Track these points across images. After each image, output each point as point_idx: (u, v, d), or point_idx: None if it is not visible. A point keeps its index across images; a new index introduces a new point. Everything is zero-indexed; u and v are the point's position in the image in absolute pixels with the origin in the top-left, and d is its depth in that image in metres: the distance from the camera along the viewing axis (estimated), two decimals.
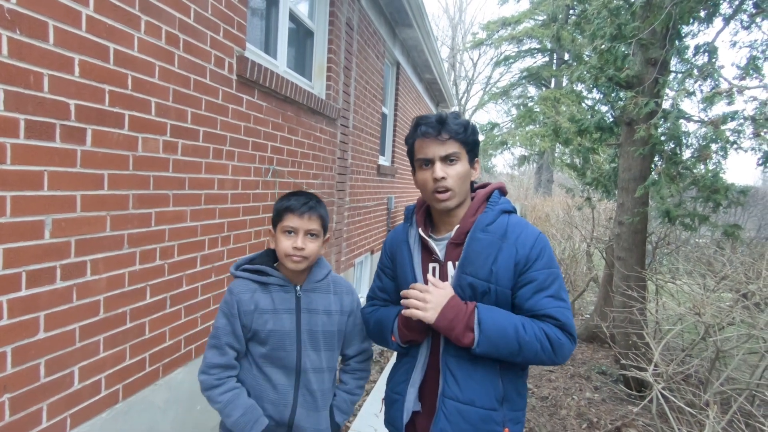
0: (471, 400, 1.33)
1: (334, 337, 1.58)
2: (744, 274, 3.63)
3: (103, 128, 1.72)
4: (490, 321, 1.27)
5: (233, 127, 2.59)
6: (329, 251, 4.35)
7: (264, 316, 1.48)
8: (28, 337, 1.49)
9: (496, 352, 1.27)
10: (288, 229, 1.48)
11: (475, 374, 1.34)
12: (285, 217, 1.48)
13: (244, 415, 1.43)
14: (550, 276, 1.32)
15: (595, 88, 4.88)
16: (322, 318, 1.55)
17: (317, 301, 1.55)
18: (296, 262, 1.48)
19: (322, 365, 1.55)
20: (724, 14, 4.00)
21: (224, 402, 1.44)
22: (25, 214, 1.45)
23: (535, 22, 18.60)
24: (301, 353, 1.51)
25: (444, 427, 1.35)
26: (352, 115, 4.77)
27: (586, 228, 7.93)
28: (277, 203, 1.54)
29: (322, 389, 1.55)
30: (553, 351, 1.28)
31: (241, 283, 1.52)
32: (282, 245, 1.48)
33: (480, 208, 1.40)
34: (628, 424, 3.45)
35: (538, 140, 11.73)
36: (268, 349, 1.49)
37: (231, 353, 1.48)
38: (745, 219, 11.22)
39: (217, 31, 2.40)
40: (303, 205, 1.48)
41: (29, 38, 1.43)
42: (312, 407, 1.52)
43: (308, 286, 1.55)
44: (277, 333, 1.48)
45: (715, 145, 3.82)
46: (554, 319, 1.29)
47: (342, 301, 1.61)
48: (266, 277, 1.51)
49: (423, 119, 1.38)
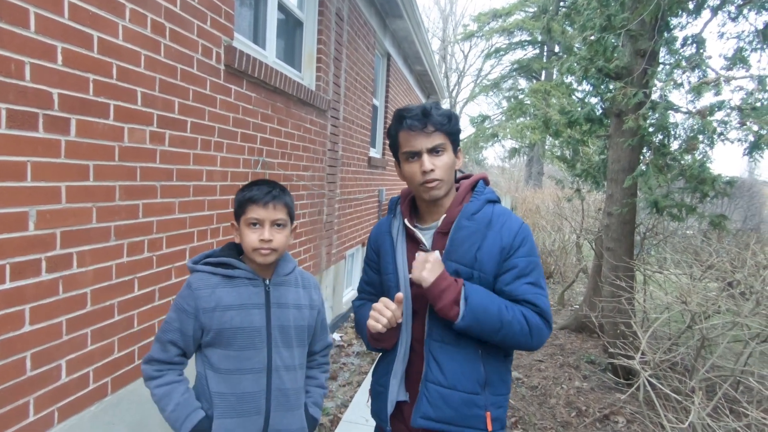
0: (453, 385, 1.36)
1: (305, 332, 1.51)
2: (730, 263, 3.68)
3: (87, 118, 1.69)
4: (476, 297, 1.29)
5: (222, 118, 2.56)
6: (320, 244, 4.34)
7: (228, 313, 1.37)
8: (13, 330, 1.47)
9: (478, 327, 1.29)
10: (252, 221, 1.38)
11: (457, 359, 1.36)
12: (248, 208, 1.38)
13: (175, 411, 1.34)
14: (530, 264, 1.36)
15: (585, 80, 4.89)
16: (293, 312, 1.47)
17: (287, 295, 1.47)
18: (265, 255, 1.38)
19: (294, 362, 1.47)
20: (711, 5, 4.02)
21: (160, 395, 1.36)
22: (8, 205, 1.43)
23: (526, 13, 18.59)
24: (272, 351, 1.41)
25: (426, 411, 1.37)
26: (343, 107, 4.74)
27: (575, 219, 7.99)
28: (238, 194, 1.43)
29: (295, 387, 1.47)
30: (530, 334, 1.32)
31: (200, 277, 1.39)
32: (248, 239, 1.38)
33: (466, 197, 1.43)
34: (616, 411, 3.50)
35: (528, 132, 11.78)
36: (234, 350, 1.37)
37: (173, 351, 1.39)
38: (732, 210, 11.39)
39: (204, 20, 2.36)
40: (266, 194, 1.38)
41: (10, 25, 1.39)
42: (286, 407, 1.44)
43: (276, 279, 1.46)
44: (245, 330, 1.38)
45: (702, 135, 3.86)
46: (533, 304, 1.33)
47: (311, 296, 1.54)
48: (232, 270, 1.40)
49: (406, 111, 1.38)
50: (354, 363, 4.15)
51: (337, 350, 4.42)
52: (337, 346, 4.50)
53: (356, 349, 4.48)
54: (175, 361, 1.40)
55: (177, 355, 1.40)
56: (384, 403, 1.45)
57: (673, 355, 3.11)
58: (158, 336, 1.40)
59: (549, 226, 9.34)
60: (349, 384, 3.73)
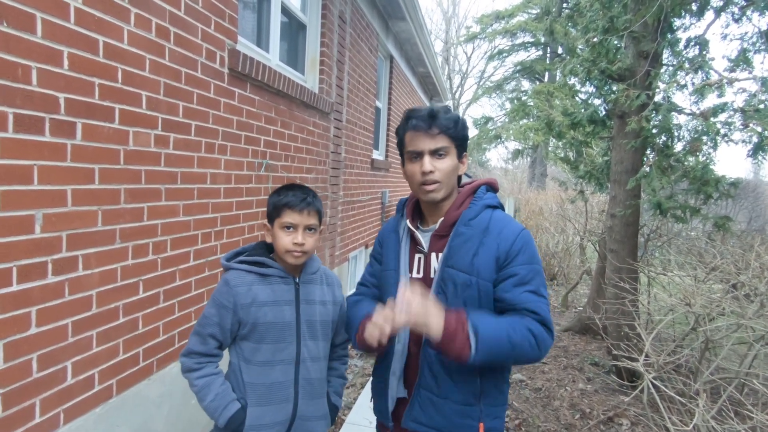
0: (446, 395, 1.35)
1: (329, 326, 1.61)
2: (734, 265, 3.67)
3: (93, 122, 1.71)
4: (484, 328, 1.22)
5: (225, 121, 2.57)
6: (323, 245, 4.35)
7: (263, 309, 1.47)
8: (20, 332, 1.48)
9: (490, 358, 1.23)
10: (287, 225, 1.48)
11: (453, 371, 1.34)
12: (284, 213, 1.48)
13: (214, 401, 1.44)
14: (531, 272, 1.32)
15: (588, 81, 4.88)
16: (319, 308, 1.58)
17: (314, 292, 1.58)
18: (297, 257, 1.49)
19: (319, 354, 1.57)
20: (715, 7, 4.01)
21: (200, 386, 1.45)
22: (15, 208, 1.44)
23: (529, 15, 18.56)
24: (300, 344, 1.52)
25: (417, 416, 1.38)
26: (346, 109, 4.75)
27: (579, 221, 7.98)
28: (273, 198, 1.53)
29: (320, 377, 1.58)
30: (537, 347, 1.26)
31: (237, 275, 1.49)
32: (282, 241, 1.48)
33: (465, 202, 1.42)
34: (620, 414, 3.49)
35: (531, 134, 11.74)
36: (267, 343, 1.47)
37: (212, 343, 1.48)
38: (736, 211, 11.33)
39: (208, 23, 2.38)
40: (302, 201, 1.48)
41: (17, 30, 1.41)
42: (312, 395, 1.55)
43: (305, 277, 1.57)
44: (277, 325, 1.48)
45: (705, 137, 3.84)
46: (535, 313, 1.28)
47: (334, 293, 1.65)
48: (266, 269, 1.51)
49: (414, 112, 1.39)
50: (357, 365, 4.15)
51: None
52: None
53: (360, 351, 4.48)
54: (213, 353, 1.49)
55: (215, 348, 1.49)
56: (385, 400, 1.47)
57: (677, 357, 3.10)
58: (197, 330, 1.49)
59: (552, 228, 9.32)
60: (352, 386, 3.74)
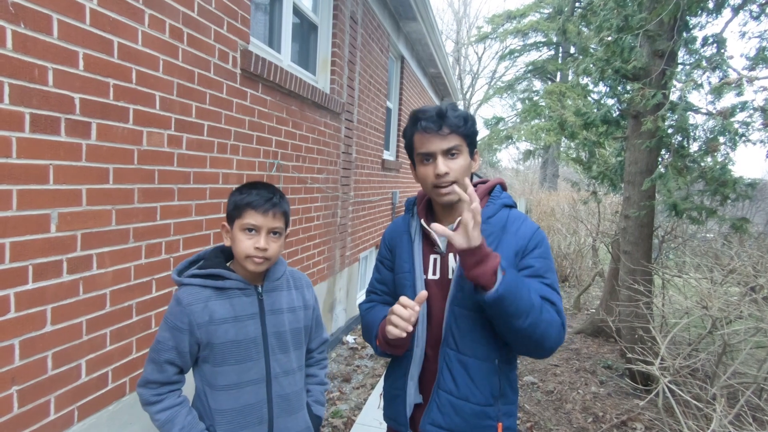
0: (466, 396, 1.34)
1: (301, 333, 1.47)
2: (752, 267, 3.59)
3: (107, 122, 1.72)
4: (511, 273, 1.22)
5: (238, 122, 2.59)
6: (333, 246, 4.36)
7: (223, 326, 1.31)
8: (35, 330, 1.50)
9: (510, 300, 1.19)
10: (249, 227, 1.31)
11: (473, 370, 1.33)
12: (246, 213, 1.31)
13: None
14: (546, 266, 1.33)
15: (601, 81, 4.82)
16: (288, 316, 1.43)
17: (280, 300, 1.42)
18: (258, 263, 1.32)
19: (292, 366, 1.44)
20: (732, 5, 3.94)
21: (162, 420, 1.30)
22: (31, 207, 1.46)
23: (541, 15, 18.43)
24: (270, 359, 1.38)
25: (436, 418, 1.35)
26: (357, 110, 4.75)
27: (591, 222, 7.89)
28: (235, 195, 1.35)
29: (296, 390, 1.45)
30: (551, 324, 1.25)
31: (190, 291, 1.31)
32: (242, 245, 1.31)
33: (482, 201, 1.41)
34: (634, 418, 3.44)
35: (543, 134, 11.64)
36: (231, 364, 1.33)
37: (171, 370, 1.32)
38: (753, 212, 11.13)
39: (221, 24, 2.39)
40: (267, 201, 1.31)
41: (33, 32, 1.43)
42: (289, 412, 1.42)
43: (269, 285, 1.41)
44: (241, 343, 1.33)
45: (723, 137, 3.77)
46: (552, 303, 1.28)
47: (304, 296, 1.50)
48: (223, 281, 1.33)
49: (422, 113, 1.36)
50: (368, 365, 4.14)
51: (350, 353, 4.42)
52: (350, 349, 4.50)
53: (369, 351, 4.47)
54: (173, 380, 1.34)
55: (175, 374, 1.34)
56: (402, 406, 1.43)
57: (693, 361, 3.05)
58: (151, 357, 1.33)
59: (564, 229, 9.23)
60: (362, 386, 3.73)
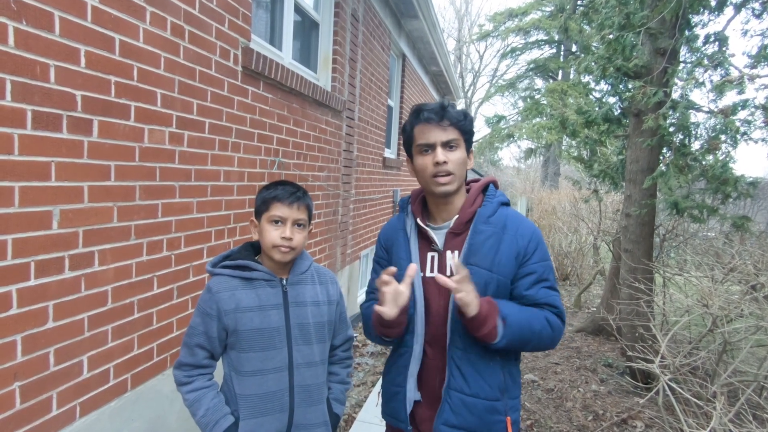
0: (476, 393, 1.36)
1: (324, 327, 1.53)
2: (753, 265, 3.59)
3: (109, 119, 1.73)
4: (512, 316, 1.31)
5: (239, 119, 2.59)
6: (334, 244, 4.36)
7: (248, 315, 1.40)
8: (37, 326, 1.51)
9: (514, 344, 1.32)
10: (276, 219, 1.42)
11: (479, 367, 1.37)
12: (272, 206, 1.42)
13: (205, 416, 1.39)
14: (546, 268, 1.41)
15: (603, 79, 4.81)
16: (312, 309, 1.50)
17: (304, 293, 1.50)
18: (284, 252, 1.42)
19: (315, 359, 1.50)
20: (734, 2, 3.92)
21: (191, 400, 1.41)
22: (33, 204, 1.47)
23: (543, 13, 18.39)
24: (292, 349, 1.45)
25: (449, 418, 1.36)
26: (358, 108, 4.75)
27: (592, 221, 7.88)
28: (262, 192, 1.47)
29: (318, 383, 1.51)
30: (553, 335, 1.37)
31: (220, 280, 1.43)
32: (269, 235, 1.41)
33: (477, 199, 1.44)
34: (634, 416, 3.44)
35: (544, 133, 11.64)
36: (256, 351, 1.41)
37: (201, 354, 1.43)
38: (755, 211, 11.10)
39: (222, 22, 2.39)
40: (291, 194, 1.43)
41: (35, 29, 1.43)
42: (309, 402, 1.49)
43: (293, 278, 1.49)
44: (264, 331, 1.42)
45: (724, 135, 3.77)
46: (553, 306, 1.38)
47: (328, 291, 1.57)
48: (250, 272, 1.44)
49: (424, 106, 1.41)
50: (368, 363, 4.15)
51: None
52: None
53: (370, 349, 4.48)
54: (204, 364, 1.44)
55: (205, 358, 1.44)
56: (402, 403, 1.44)
57: (693, 359, 3.05)
58: (185, 341, 1.44)
59: (565, 228, 9.22)
60: (363, 384, 3.74)
